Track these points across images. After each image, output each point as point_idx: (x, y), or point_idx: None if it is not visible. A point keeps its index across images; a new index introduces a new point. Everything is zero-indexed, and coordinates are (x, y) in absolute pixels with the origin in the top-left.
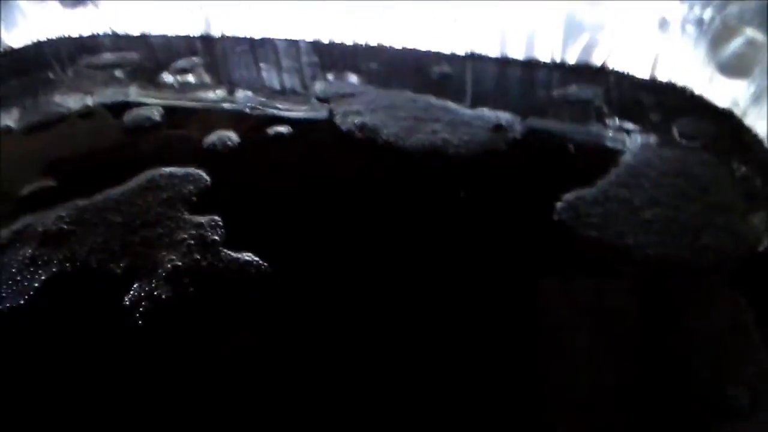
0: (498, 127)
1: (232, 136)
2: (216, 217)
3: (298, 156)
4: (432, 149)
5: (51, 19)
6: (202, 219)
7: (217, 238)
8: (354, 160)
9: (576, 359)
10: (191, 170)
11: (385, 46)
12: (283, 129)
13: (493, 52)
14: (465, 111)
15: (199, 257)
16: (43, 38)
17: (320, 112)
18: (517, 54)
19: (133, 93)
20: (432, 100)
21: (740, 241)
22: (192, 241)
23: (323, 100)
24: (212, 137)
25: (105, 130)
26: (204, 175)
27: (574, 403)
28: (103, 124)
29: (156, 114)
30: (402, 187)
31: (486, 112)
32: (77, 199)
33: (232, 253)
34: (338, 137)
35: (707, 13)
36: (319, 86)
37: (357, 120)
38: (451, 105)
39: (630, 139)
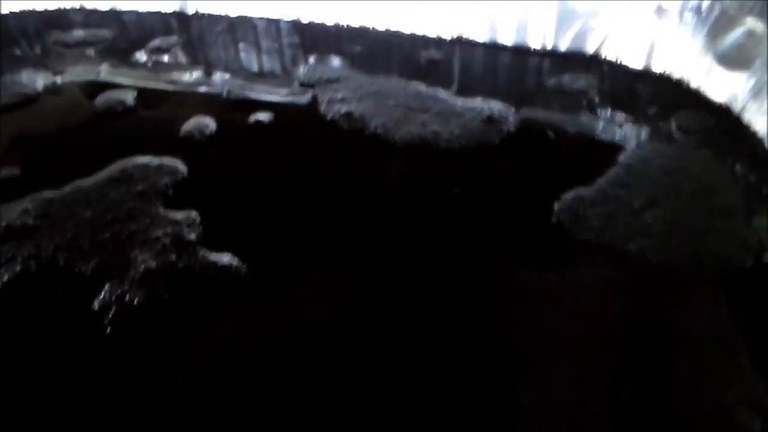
0: (491, 119)
1: (210, 123)
2: (193, 213)
3: (281, 146)
4: (422, 142)
5: None
6: (179, 215)
7: (194, 236)
8: (341, 152)
9: (571, 371)
10: (167, 160)
11: (370, 28)
12: (264, 116)
13: (483, 38)
14: (456, 100)
15: (174, 258)
16: (7, 11)
17: (304, 98)
18: (508, 40)
19: (106, 73)
20: (421, 88)
21: (744, 248)
22: (167, 240)
23: (307, 84)
24: (189, 124)
25: (75, 114)
26: (181, 165)
27: (567, 415)
28: (74, 106)
29: (129, 97)
30: (392, 183)
31: (478, 101)
32: (44, 189)
33: (210, 254)
34: (324, 126)
35: (706, 2)
36: (302, 70)
37: (343, 108)
38: (442, 93)
39: (627, 134)
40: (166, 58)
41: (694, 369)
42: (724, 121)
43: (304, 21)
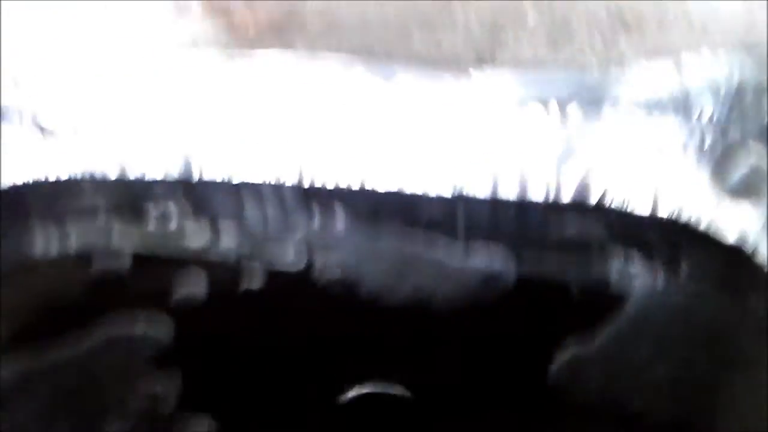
0: (490, 276)
1: (202, 289)
2: (173, 381)
3: (271, 312)
4: (417, 304)
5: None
6: (159, 384)
7: (172, 405)
8: (330, 317)
9: None
10: (155, 326)
11: (371, 189)
12: (257, 281)
13: (484, 192)
14: (455, 259)
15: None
16: (19, 182)
17: (299, 263)
18: (510, 192)
19: (108, 238)
20: (419, 247)
21: (764, 400)
22: (144, 409)
23: (304, 248)
24: (183, 289)
25: (71, 279)
26: (167, 331)
27: None
28: (71, 272)
29: (127, 261)
30: (382, 347)
31: (477, 259)
32: (24, 358)
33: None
34: (315, 291)
35: (708, 138)
36: (300, 233)
37: (337, 271)
38: (440, 252)
39: (632, 284)
40: (170, 223)
41: None
42: (737, 261)
43: (306, 183)
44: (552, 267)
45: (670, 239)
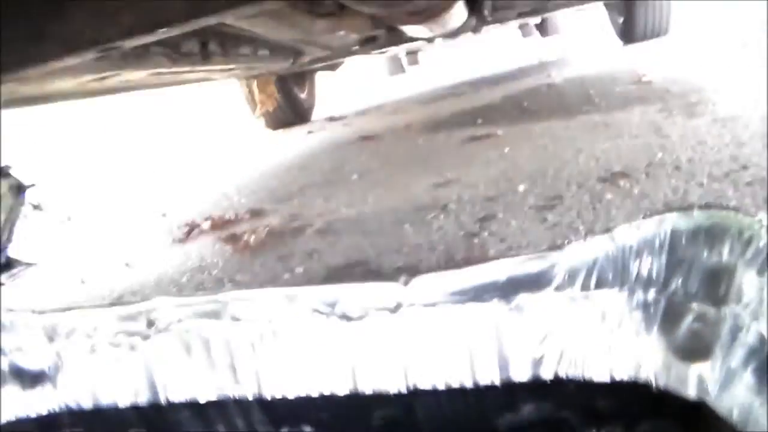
0: None
1: None
2: None
3: None
4: None
5: (9, 401)
6: None
7: None
8: None
9: None
10: None
11: (329, 394)
12: None
13: (438, 384)
14: None
15: None
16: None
17: None
18: (464, 381)
19: None
20: None
21: None
22: None
23: None
24: None
25: None
26: None
27: None
28: None
29: None
30: None
31: None
32: None
33: None
34: None
35: (650, 296)
36: None
37: None
38: None
39: None
40: None
41: None
42: (699, 420)
43: (268, 396)
44: None
45: (628, 403)
